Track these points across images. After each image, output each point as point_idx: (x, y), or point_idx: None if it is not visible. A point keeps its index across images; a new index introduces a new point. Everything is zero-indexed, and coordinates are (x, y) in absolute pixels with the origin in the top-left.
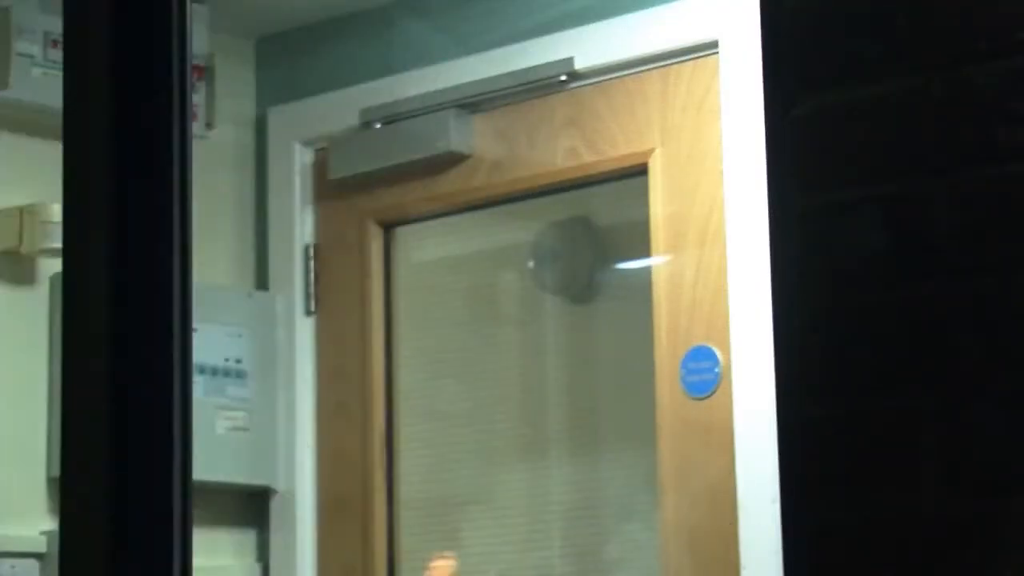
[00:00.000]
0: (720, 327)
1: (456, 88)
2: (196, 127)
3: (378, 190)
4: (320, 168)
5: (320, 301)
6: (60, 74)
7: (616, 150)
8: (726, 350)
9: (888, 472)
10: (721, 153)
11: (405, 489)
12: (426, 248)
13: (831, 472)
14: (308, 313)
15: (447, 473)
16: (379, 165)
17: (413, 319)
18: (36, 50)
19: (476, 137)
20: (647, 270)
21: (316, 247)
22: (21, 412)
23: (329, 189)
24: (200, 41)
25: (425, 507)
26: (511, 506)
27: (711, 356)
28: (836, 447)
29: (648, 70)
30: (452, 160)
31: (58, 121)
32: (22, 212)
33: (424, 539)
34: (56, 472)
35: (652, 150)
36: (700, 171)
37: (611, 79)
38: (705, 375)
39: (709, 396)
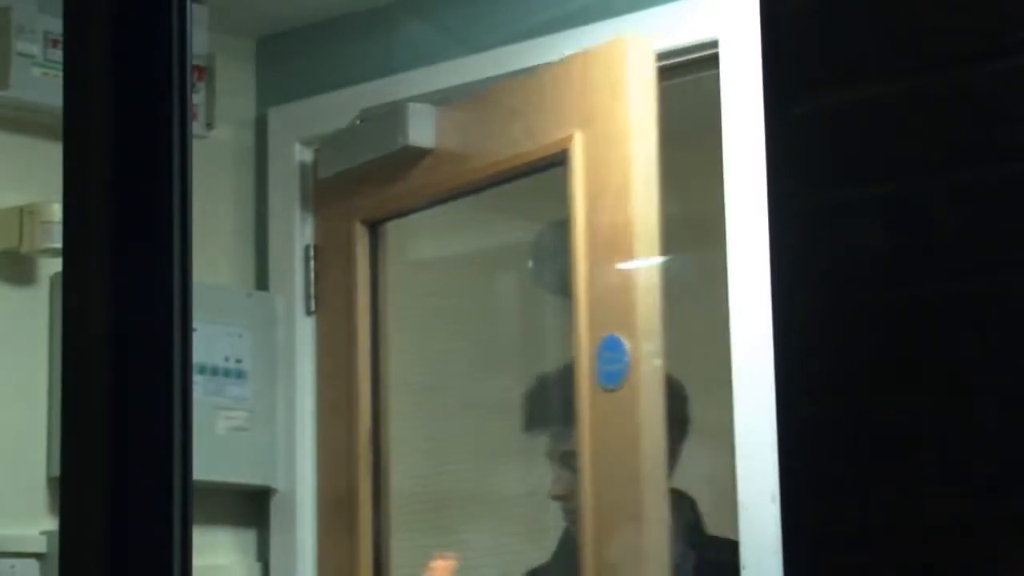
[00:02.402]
0: (629, 315)
1: (456, 88)
2: (196, 127)
3: (362, 188)
4: (319, 168)
5: (320, 301)
6: (60, 74)
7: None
8: (635, 339)
9: (888, 472)
10: (628, 134)
11: (402, 488)
12: (410, 245)
13: (831, 472)
14: (308, 313)
15: (443, 472)
16: (355, 163)
17: (402, 318)
18: (36, 50)
19: (439, 130)
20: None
21: (316, 247)
22: (21, 412)
23: (323, 188)
24: (200, 41)
25: (421, 506)
26: (509, 505)
27: (620, 346)
28: (836, 447)
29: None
30: (418, 155)
31: (58, 121)
32: (22, 212)
33: (421, 538)
34: (56, 472)
35: (571, 136)
36: (615, 156)
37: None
38: (615, 365)
39: (619, 387)
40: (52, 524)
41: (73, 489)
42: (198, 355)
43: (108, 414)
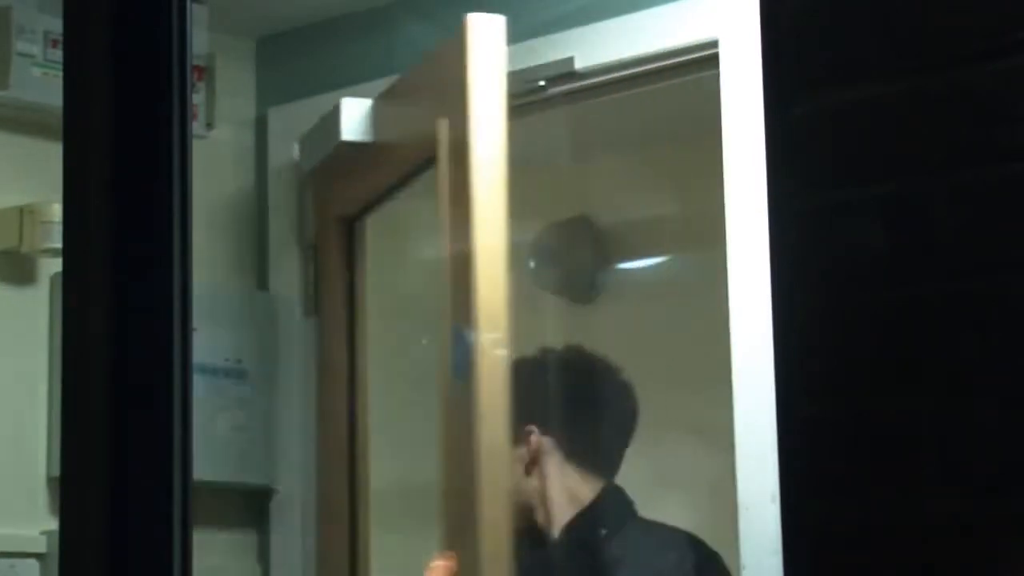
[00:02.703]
0: (472, 306)
1: None
2: (196, 127)
3: (334, 185)
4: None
5: (318, 300)
6: (60, 74)
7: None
8: (477, 330)
9: (888, 472)
10: (471, 118)
11: (393, 486)
12: (379, 244)
13: (831, 472)
14: (308, 313)
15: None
16: (316, 161)
17: (390, 315)
18: (36, 50)
19: (376, 124)
20: (648, 268)
21: (315, 247)
22: (21, 412)
23: (313, 187)
24: (200, 41)
25: (415, 504)
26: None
27: (466, 337)
28: (836, 447)
29: (645, 71)
30: (361, 150)
31: (58, 121)
32: (22, 212)
33: (418, 535)
34: (56, 472)
35: (435, 126)
36: (463, 142)
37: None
38: (463, 356)
39: (466, 378)
40: (52, 524)
41: (73, 489)
42: (198, 355)
43: (108, 414)
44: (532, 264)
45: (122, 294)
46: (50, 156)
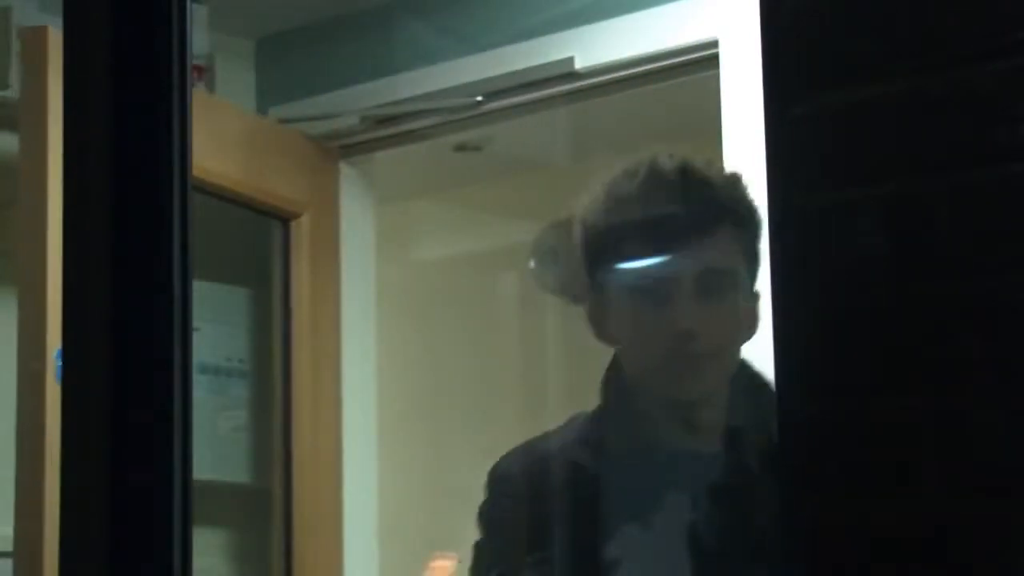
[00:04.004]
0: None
1: (457, 88)
2: None
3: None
4: None
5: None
6: None
7: None
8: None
9: (888, 472)
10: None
11: (389, 488)
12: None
13: (831, 472)
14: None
15: (438, 471)
16: None
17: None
18: None
19: None
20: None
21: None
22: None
23: None
24: (200, 41)
25: (417, 503)
26: None
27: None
28: (836, 447)
29: (645, 71)
30: None
31: None
32: None
33: (421, 536)
34: None
35: None
36: None
37: None
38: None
39: None
40: None
41: (73, 489)
42: (200, 355)
43: (108, 414)
44: (532, 264)
45: (122, 294)
46: None
